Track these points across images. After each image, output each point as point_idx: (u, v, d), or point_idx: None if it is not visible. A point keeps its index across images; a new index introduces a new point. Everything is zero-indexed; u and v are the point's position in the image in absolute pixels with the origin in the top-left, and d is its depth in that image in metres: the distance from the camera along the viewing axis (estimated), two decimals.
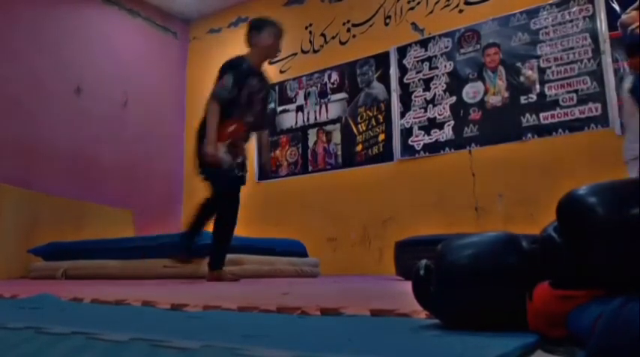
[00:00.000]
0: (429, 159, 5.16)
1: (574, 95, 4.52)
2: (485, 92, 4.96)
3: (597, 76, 4.43)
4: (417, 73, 5.40)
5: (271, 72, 6.48)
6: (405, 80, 5.47)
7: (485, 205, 4.74)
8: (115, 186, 6.09)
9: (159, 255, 3.97)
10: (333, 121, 5.91)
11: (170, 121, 7.09)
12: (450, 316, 0.83)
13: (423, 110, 5.29)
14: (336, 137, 5.84)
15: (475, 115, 4.98)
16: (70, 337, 0.77)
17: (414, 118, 5.33)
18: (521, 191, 4.56)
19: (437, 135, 5.14)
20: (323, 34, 6.17)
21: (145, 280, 3.71)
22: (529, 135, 4.66)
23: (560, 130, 4.53)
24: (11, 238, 4.82)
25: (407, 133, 5.34)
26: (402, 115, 5.41)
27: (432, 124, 5.20)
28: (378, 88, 5.65)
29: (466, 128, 5.00)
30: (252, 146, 6.47)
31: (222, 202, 3.35)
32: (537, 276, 0.74)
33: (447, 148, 5.07)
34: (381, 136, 5.51)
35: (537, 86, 4.70)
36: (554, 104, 4.59)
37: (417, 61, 5.42)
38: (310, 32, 6.27)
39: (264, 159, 4.24)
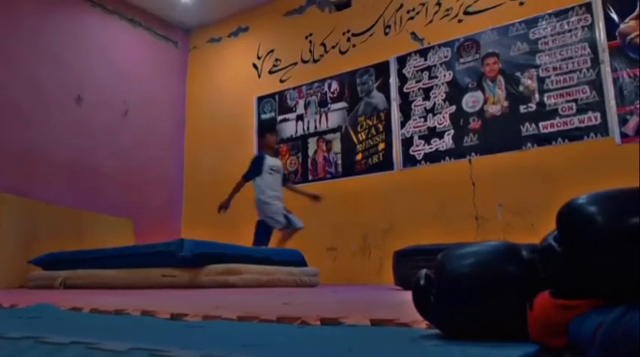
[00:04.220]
0: (429, 168, 5.16)
1: (573, 104, 4.53)
2: (485, 101, 4.97)
3: (596, 85, 4.45)
4: (417, 82, 5.41)
5: (271, 81, 6.54)
6: (404, 89, 5.48)
7: (486, 214, 4.74)
8: (114, 195, 6.09)
9: (157, 264, 3.96)
10: (333, 130, 5.92)
11: (170, 129, 7.10)
12: (451, 326, 0.83)
13: (422, 119, 5.30)
14: (336, 146, 5.84)
15: (475, 124, 4.99)
16: (69, 347, 0.77)
17: (414, 127, 5.34)
18: (521, 200, 4.55)
19: (437, 144, 5.14)
20: (323, 44, 6.19)
21: (144, 289, 3.69)
22: (529, 144, 4.66)
23: (559, 139, 4.54)
24: (10, 247, 4.81)
25: (407, 142, 5.34)
26: (402, 124, 5.42)
27: (431, 134, 5.21)
28: (377, 98, 5.67)
29: (466, 137, 5.00)
30: None
31: None
32: (537, 285, 0.74)
33: (447, 158, 5.07)
34: (381, 146, 5.52)
35: (537, 95, 4.71)
36: (554, 113, 4.60)
37: (417, 71, 5.44)
38: (310, 42, 6.30)
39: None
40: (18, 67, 5.47)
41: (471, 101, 5.06)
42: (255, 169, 5.01)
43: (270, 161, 5.08)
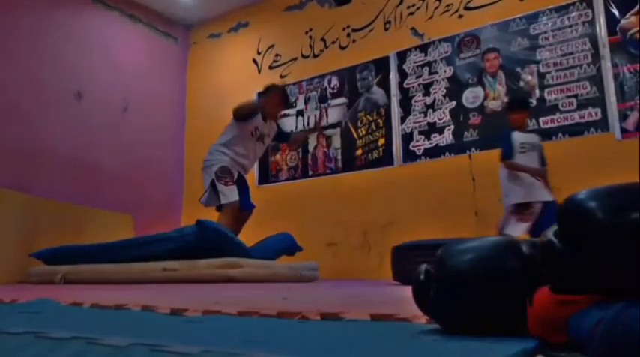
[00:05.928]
0: (429, 163, 5.16)
1: (574, 100, 4.53)
2: (485, 97, 4.97)
3: (597, 80, 4.45)
4: (417, 77, 5.41)
5: (272, 77, 6.52)
6: (404, 85, 5.48)
7: (486, 209, 4.74)
8: (115, 191, 6.09)
9: (157, 258, 3.97)
10: (333, 126, 5.92)
11: (170, 126, 7.09)
12: (450, 321, 0.83)
13: (422, 115, 5.29)
14: (336, 142, 5.84)
15: (475, 119, 4.98)
16: (70, 342, 0.77)
17: (414, 122, 5.33)
18: None
19: (437, 140, 5.14)
20: (323, 39, 6.18)
21: (144, 284, 3.70)
22: None
23: (560, 135, 4.54)
24: (11, 243, 4.81)
25: (407, 138, 5.34)
26: (402, 119, 5.42)
27: (432, 129, 5.21)
28: (378, 93, 5.66)
29: (466, 133, 5.00)
30: None
31: None
32: (537, 281, 0.74)
33: (447, 153, 5.07)
34: (381, 141, 5.52)
35: (537, 91, 4.71)
36: (554, 109, 4.60)
37: (417, 66, 5.43)
38: (310, 37, 6.28)
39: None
40: (17, 64, 5.46)
41: (471, 97, 5.06)
42: (506, 147, 4.25)
43: (521, 138, 4.25)
